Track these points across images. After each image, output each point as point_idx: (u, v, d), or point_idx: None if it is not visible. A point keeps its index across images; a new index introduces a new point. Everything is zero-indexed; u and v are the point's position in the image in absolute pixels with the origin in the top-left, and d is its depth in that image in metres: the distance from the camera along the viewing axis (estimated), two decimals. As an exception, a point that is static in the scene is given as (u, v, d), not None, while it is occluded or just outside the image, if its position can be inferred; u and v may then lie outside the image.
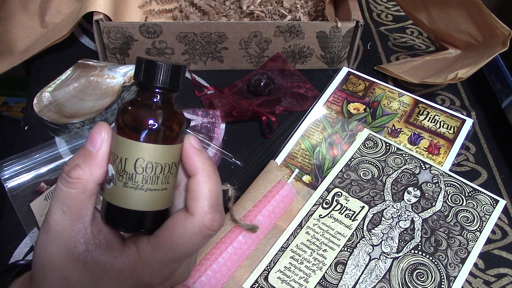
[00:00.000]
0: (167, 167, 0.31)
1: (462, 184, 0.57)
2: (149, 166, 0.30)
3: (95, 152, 0.31)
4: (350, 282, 0.50)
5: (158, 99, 0.31)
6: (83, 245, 0.31)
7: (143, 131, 0.30)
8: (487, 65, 0.63)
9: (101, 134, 0.31)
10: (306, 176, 0.59)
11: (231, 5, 0.74)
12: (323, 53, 0.69)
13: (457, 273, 0.51)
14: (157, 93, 0.31)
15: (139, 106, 0.31)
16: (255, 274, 0.51)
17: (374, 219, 0.54)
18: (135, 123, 0.30)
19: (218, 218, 0.31)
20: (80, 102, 0.62)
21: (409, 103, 0.65)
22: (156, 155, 0.30)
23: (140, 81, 0.31)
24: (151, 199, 0.31)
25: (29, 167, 0.56)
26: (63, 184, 0.31)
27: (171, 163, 0.31)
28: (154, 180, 0.31)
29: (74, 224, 0.31)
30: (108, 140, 0.31)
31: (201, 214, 0.31)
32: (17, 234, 0.53)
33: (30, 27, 0.72)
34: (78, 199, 0.31)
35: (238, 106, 0.63)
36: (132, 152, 0.30)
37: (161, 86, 0.31)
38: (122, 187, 0.30)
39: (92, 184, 0.31)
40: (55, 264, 0.32)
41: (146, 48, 0.66)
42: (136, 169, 0.30)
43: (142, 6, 0.76)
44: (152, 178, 0.31)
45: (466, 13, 0.62)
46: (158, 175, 0.31)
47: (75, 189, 0.31)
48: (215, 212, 0.31)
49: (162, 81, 0.31)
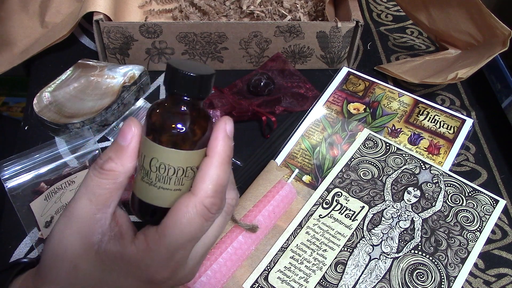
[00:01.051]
0: (181, 171, 0.32)
1: (462, 184, 0.57)
2: (162, 167, 0.32)
3: (126, 146, 0.32)
4: (350, 282, 0.50)
5: (181, 107, 0.32)
6: (99, 235, 0.32)
7: (160, 134, 0.31)
8: (487, 65, 0.63)
9: (131, 129, 0.32)
10: (306, 176, 0.59)
11: (231, 5, 0.74)
12: (323, 53, 0.69)
13: (457, 273, 0.51)
14: (182, 101, 0.32)
15: (163, 110, 0.32)
16: (255, 274, 0.51)
17: (374, 219, 0.54)
18: (156, 125, 0.32)
19: (219, 203, 0.32)
20: (80, 102, 0.62)
21: (409, 103, 0.65)
22: (170, 158, 0.31)
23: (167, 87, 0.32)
24: (162, 197, 0.32)
25: (29, 167, 0.56)
26: (95, 175, 0.32)
27: (186, 167, 0.32)
28: (167, 180, 0.32)
29: (97, 213, 0.32)
30: (137, 135, 0.32)
31: (203, 195, 0.31)
32: (17, 234, 0.53)
33: (30, 27, 0.72)
34: (107, 190, 0.32)
35: (238, 106, 0.63)
36: (149, 151, 0.32)
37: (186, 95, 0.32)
38: (140, 180, 0.33)
39: (122, 177, 0.32)
40: (68, 251, 0.32)
41: (146, 48, 0.66)
42: (151, 167, 0.32)
43: (142, 6, 0.76)
44: (164, 178, 0.32)
45: (466, 13, 0.62)
46: (170, 177, 0.32)
47: (106, 179, 0.32)
48: (217, 197, 0.32)
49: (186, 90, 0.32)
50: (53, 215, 0.52)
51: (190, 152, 0.32)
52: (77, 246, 0.32)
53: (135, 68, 0.64)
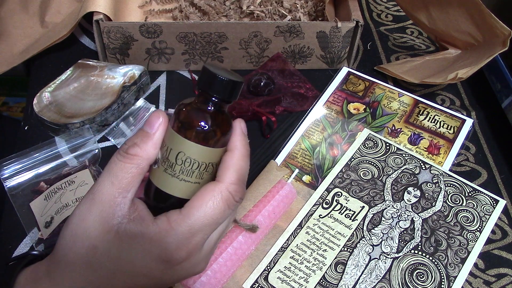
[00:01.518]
0: (204, 165, 0.35)
1: (462, 184, 0.57)
2: (188, 161, 0.35)
3: (152, 133, 0.35)
4: (350, 282, 0.50)
5: (210, 106, 0.36)
6: (119, 218, 0.34)
7: (190, 130, 0.35)
8: (487, 65, 0.63)
9: (159, 118, 0.35)
10: (306, 176, 0.59)
11: (231, 5, 0.74)
12: (323, 53, 0.69)
13: (457, 273, 0.51)
14: (211, 101, 0.36)
15: (193, 107, 0.35)
16: (255, 274, 0.51)
17: (374, 219, 0.54)
18: (186, 121, 0.35)
19: (241, 191, 0.35)
20: (80, 102, 0.62)
21: (409, 103, 0.65)
22: (196, 153, 0.35)
23: (200, 87, 0.36)
24: (183, 188, 0.35)
25: (28, 166, 0.56)
26: (119, 159, 0.34)
27: (208, 163, 0.35)
28: (190, 174, 0.35)
29: (118, 196, 0.34)
30: (164, 125, 0.35)
31: (228, 181, 0.34)
32: (17, 234, 0.53)
33: (30, 27, 0.72)
34: (129, 173, 0.34)
35: (238, 106, 0.63)
36: (177, 145, 0.35)
37: (216, 96, 0.35)
38: (163, 171, 0.35)
39: (145, 162, 0.34)
40: (88, 231, 0.34)
41: (146, 48, 0.66)
42: (177, 160, 0.35)
43: (142, 6, 0.76)
44: (188, 171, 0.35)
45: (466, 13, 0.62)
46: (194, 170, 0.35)
47: (130, 163, 0.34)
48: (240, 185, 0.35)
49: (217, 91, 0.35)
50: (53, 215, 0.52)
51: (214, 149, 0.35)
52: (97, 227, 0.33)
53: (135, 68, 0.64)
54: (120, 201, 0.34)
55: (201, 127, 0.35)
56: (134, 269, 0.34)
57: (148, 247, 0.34)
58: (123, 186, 0.34)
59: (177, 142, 0.35)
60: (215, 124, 0.35)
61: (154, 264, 0.34)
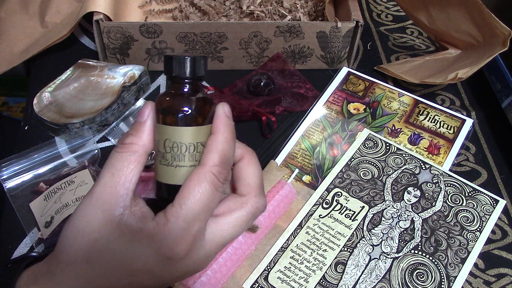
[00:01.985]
0: (192, 147, 0.36)
1: (462, 184, 0.57)
2: (175, 146, 0.35)
3: (143, 121, 0.36)
4: (350, 282, 0.50)
5: (181, 89, 0.36)
6: (121, 208, 0.34)
7: (167, 115, 0.36)
8: (487, 65, 0.63)
9: (148, 107, 0.36)
10: (306, 176, 0.59)
11: (231, 5, 0.74)
12: (323, 53, 0.69)
13: (457, 273, 0.51)
14: (180, 84, 0.36)
15: (165, 94, 0.36)
16: (255, 274, 0.51)
17: (374, 219, 0.54)
18: (162, 108, 0.36)
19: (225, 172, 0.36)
20: (80, 102, 0.62)
21: (409, 103, 0.65)
22: (180, 136, 0.35)
23: (166, 74, 0.37)
24: (179, 175, 0.36)
25: (28, 167, 0.56)
26: (116, 150, 0.35)
27: (196, 143, 0.36)
28: (181, 158, 0.36)
29: (119, 187, 0.34)
30: (153, 111, 0.36)
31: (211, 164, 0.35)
32: (17, 234, 0.53)
33: (30, 27, 0.72)
34: (127, 162, 0.35)
35: (238, 106, 0.63)
36: (162, 134, 0.36)
37: (181, 76, 0.36)
38: (159, 164, 0.36)
39: (142, 149, 0.35)
40: (90, 224, 0.34)
41: (146, 48, 0.66)
42: (165, 148, 0.35)
43: (142, 6, 0.76)
44: (179, 156, 0.35)
45: (466, 13, 0.62)
46: (184, 153, 0.35)
47: (127, 152, 0.35)
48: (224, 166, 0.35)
49: (179, 71, 0.36)
50: (53, 215, 0.52)
51: (196, 128, 0.36)
52: (99, 220, 0.34)
53: (135, 68, 0.64)
54: (122, 192, 0.34)
55: (177, 110, 0.35)
56: (133, 266, 0.34)
57: (146, 242, 0.34)
58: (123, 176, 0.34)
59: (161, 131, 0.36)
60: (191, 104, 0.36)
61: (153, 260, 0.34)
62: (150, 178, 0.57)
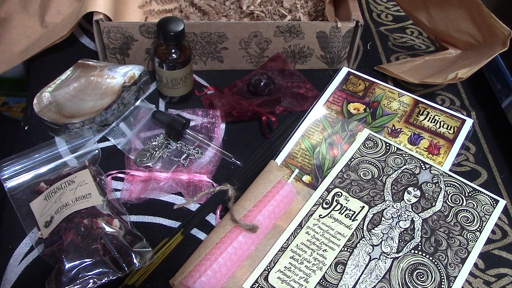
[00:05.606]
0: (183, 77, 0.62)
1: (462, 184, 0.57)
2: (174, 79, 0.62)
3: None
4: (350, 282, 0.50)
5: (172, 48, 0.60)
6: None
7: (164, 63, 0.61)
8: (487, 65, 0.63)
9: None
10: (306, 176, 0.59)
11: (231, 5, 0.74)
12: (323, 53, 0.69)
13: (457, 273, 0.51)
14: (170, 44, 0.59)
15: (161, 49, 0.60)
16: (255, 274, 0.51)
17: (374, 219, 0.54)
18: (160, 59, 0.60)
19: None
20: (80, 102, 0.62)
21: (409, 103, 0.65)
22: (174, 74, 0.61)
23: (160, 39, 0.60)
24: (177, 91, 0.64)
25: (28, 167, 0.56)
26: None
27: (186, 75, 0.62)
28: (175, 84, 0.63)
29: None
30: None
31: None
32: (17, 234, 0.53)
33: (30, 27, 0.72)
34: None
35: (238, 106, 0.63)
36: (161, 74, 0.62)
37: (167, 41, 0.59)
38: (163, 87, 0.64)
39: None
40: None
41: (146, 48, 0.66)
42: (167, 80, 0.62)
43: (142, 6, 0.76)
44: (174, 83, 0.63)
45: (466, 13, 0.62)
46: (179, 82, 0.63)
47: None
48: None
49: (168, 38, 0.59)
50: (53, 215, 0.51)
51: (183, 68, 0.61)
52: None
53: (135, 68, 0.64)
54: None
55: (171, 60, 0.60)
56: None
57: None
58: None
59: (160, 73, 0.62)
60: (177, 56, 0.60)
61: None
62: (150, 178, 0.57)
